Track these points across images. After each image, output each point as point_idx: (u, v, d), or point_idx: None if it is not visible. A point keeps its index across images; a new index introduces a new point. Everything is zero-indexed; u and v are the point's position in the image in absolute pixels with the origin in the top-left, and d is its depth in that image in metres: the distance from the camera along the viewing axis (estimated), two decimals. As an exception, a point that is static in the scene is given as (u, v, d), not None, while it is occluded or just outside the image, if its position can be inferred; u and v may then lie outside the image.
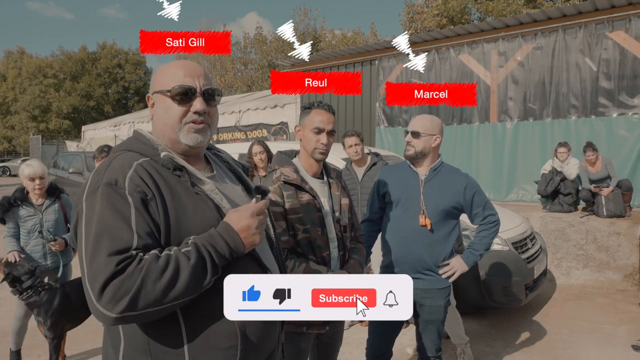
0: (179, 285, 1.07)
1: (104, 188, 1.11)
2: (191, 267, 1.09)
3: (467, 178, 2.52)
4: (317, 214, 2.01)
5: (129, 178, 1.13)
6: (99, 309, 1.02)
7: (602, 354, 3.75)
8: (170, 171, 1.22)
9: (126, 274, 1.03)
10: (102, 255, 1.04)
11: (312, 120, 2.01)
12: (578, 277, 5.75)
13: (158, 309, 1.06)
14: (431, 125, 2.47)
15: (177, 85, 1.26)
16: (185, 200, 1.19)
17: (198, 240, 1.14)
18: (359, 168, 4.21)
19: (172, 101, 1.27)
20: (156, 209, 1.14)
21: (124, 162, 1.18)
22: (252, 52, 30.27)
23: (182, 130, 1.27)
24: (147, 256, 1.07)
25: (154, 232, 1.13)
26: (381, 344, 2.56)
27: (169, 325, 1.16)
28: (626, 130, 6.87)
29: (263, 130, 11.65)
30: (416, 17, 20.47)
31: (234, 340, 1.20)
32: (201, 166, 1.37)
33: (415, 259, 2.43)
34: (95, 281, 1.03)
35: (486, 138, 8.20)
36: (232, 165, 1.52)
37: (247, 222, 1.19)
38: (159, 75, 1.32)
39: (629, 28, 6.83)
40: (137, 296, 1.03)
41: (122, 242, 1.06)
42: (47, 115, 35.80)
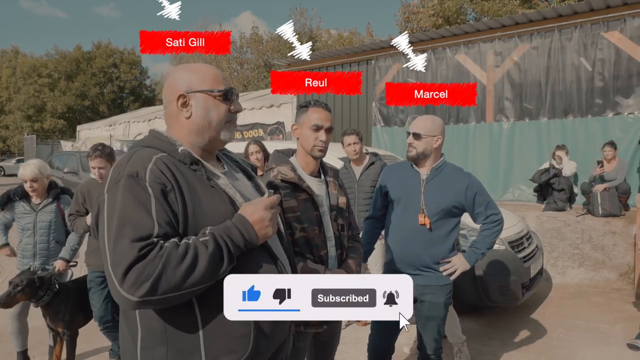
0: (197, 271, 1.12)
1: (125, 180, 1.17)
2: (209, 255, 1.14)
3: (469, 178, 2.51)
4: (314, 212, 2.00)
5: (149, 170, 1.19)
6: (122, 292, 1.07)
7: (598, 352, 3.76)
8: (187, 166, 1.28)
9: (148, 259, 1.08)
10: (125, 242, 1.09)
11: (309, 118, 2.01)
12: (574, 276, 5.77)
13: (177, 294, 1.11)
14: (432, 127, 2.47)
15: (227, 87, 1.36)
16: (201, 193, 1.25)
17: (215, 230, 1.20)
18: (356, 167, 4.21)
19: (220, 101, 1.36)
20: (175, 200, 1.20)
21: (144, 156, 1.23)
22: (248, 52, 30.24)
23: (224, 128, 1.38)
24: (168, 244, 1.12)
25: (173, 222, 1.18)
26: (383, 340, 2.56)
27: (185, 312, 1.21)
28: (621, 131, 6.91)
29: (259, 130, 11.64)
30: (412, 17, 20.52)
31: (247, 328, 1.24)
32: (214, 163, 1.44)
33: (414, 257, 2.45)
34: (118, 266, 1.08)
35: (482, 138, 8.22)
36: (241, 164, 1.60)
37: (260, 214, 1.26)
38: (194, 74, 1.37)
39: (624, 28, 6.87)
40: (158, 281, 1.08)
41: (144, 230, 1.12)
42: (42, 115, 35.61)
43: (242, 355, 1.24)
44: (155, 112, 18.46)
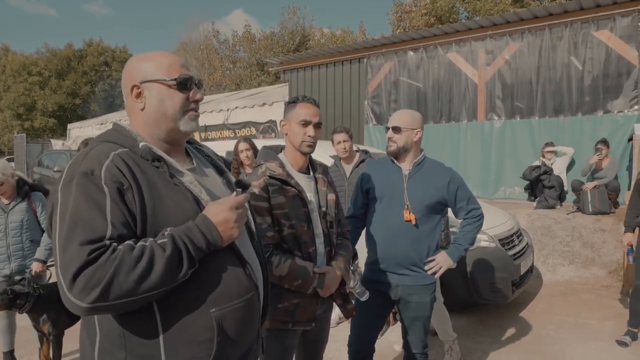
0: (153, 276, 1.06)
1: (79, 178, 1.10)
2: (166, 259, 1.08)
3: (450, 172, 2.51)
4: (303, 209, 1.98)
5: (105, 168, 1.12)
6: (70, 298, 1.02)
7: (587, 349, 3.78)
8: (148, 162, 1.21)
9: (99, 263, 1.02)
10: (74, 245, 1.03)
11: (298, 113, 2.00)
12: (564, 274, 5.80)
13: (131, 299, 1.05)
14: (412, 120, 2.45)
15: (182, 74, 1.28)
16: (162, 191, 1.18)
17: (175, 231, 1.13)
18: (347, 165, 4.19)
19: (175, 90, 1.28)
20: (132, 199, 1.13)
21: (101, 152, 1.16)
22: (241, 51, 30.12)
23: (183, 119, 1.29)
24: (122, 246, 1.06)
25: (130, 223, 1.12)
26: (363, 339, 2.54)
27: (144, 317, 1.15)
28: (611, 129, 6.96)
29: (251, 129, 11.60)
30: (404, 16, 20.54)
31: (210, 333, 1.19)
32: (181, 158, 1.36)
33: (401, 254, 2.41)
34: (67, 270, 1.02)
35: (474, 136, 8.25)
36: (213, 159, 1.51)
37: (225, 215, 1.19)
38: (148, 63, 1.29)
39: (613, 27, 6.92)
40: (110, 286, 1.02)
41: (95, 232, 1.05)
42: (32, 114, 35.25)
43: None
44: (146, 110, 18.33)
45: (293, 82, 10.90)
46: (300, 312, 1.96)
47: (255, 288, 1.33)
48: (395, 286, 2.43)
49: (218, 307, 1.20)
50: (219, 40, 30.50)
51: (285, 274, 1.89)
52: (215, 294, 1.21)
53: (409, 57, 8.97)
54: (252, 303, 1.31)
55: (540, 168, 6.66)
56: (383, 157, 2.67)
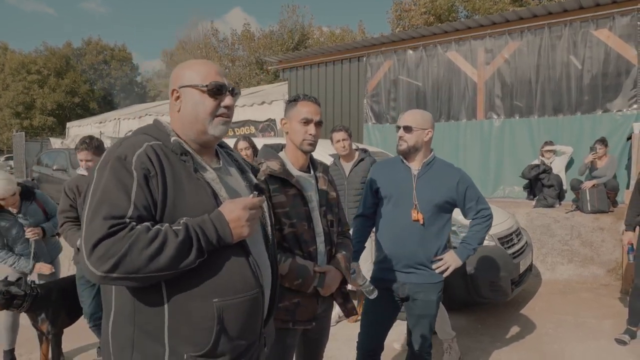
0: (162, 258, 1.15)
1: (113, 161, 1.21)
2: (177, 244, 1.16)
3: (460, 172, 2.51)
4: (303, 208, 1.98)
5: (137, 155, 1.23)
6: (88, 265, 1.12)
7: (586, 347, 3.79)
8: (177, 156, 1.31)
9: (117, 237, 1.12)
10: (98, 218, 1.14)
11: (299, 111, 1.99)
12: (563, 272, 5.81)
13: (139, 276, 1.14)
14: (422, 120, 2.45)
15: (214, 82, 1.38)
16: (185, 184, 1.28)
17: (189, 221, 1.22)
18: (346, 163, 4.20)
19: (207, 95, 1.38)
20: (156, 186, 1.23)
21: (137, 142, 1.28)
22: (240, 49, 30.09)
23: (212, 123, 1.39)
24: (139, 226, 1.16)
25: (151, 207, 1.22)
26: (373, 337, 2.55)
27: (153, 297, 1.24)
28: (610, 128, 6.96)
29: (251, 127, 11.59)
30: (404, 15, 20.55)
31: (210, 321, 1.26)
32: (210, 158, 1.46)
33: (408, 254, 2.41)
34: (89, 240, 1.12)
35: (473, 135, 8.25)
36: (241, 163, 1.61)
37: (238, 213, 1.27)
38: (188, 71, 1.41)
39: (612, 26, 6.92)
40: (122, 260, 1.11)
41: (118, 210, 1.16)
42: (31, 112, 35.22)
43: (203, 348, 1.25)
44: (146, 109, 18.31)
45: (292, 80, 10.89)
46: (301, 311, 1.96)
47: (260, 287, 1.38)
48: (402, 284, 2.44)
49: (221, 298, 1.27)
50: (218, 39, 30.47)
51: (286, 272, 1.89)
52: (220, 285, 1.28)
53: (408, 55, 8.96)
54: (255, 301, 1.36)
55: (539, 167, 6.68)
56: (394, 157, 2.68)
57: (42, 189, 11.24)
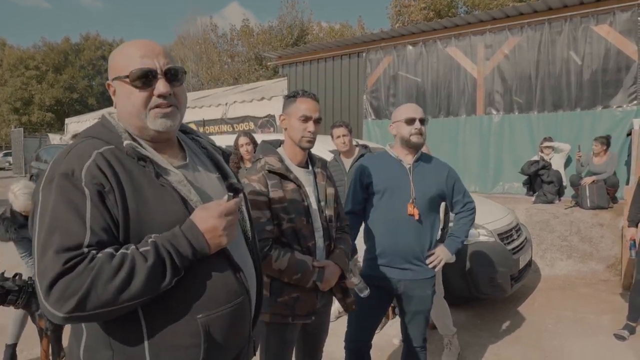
0: (133, 286, 1.02)
1: (59, 179, 1.05)
2: (148, 269, 1.03)
3: (447, 165, 2.56)
4: (302, 203, 1.98)
5: (86, 169, 1.06)
6: (47, 307, 0.98)
7: (586, 343, 3.80)
8: (134, 160, 1.14)
9: (75, 273, 0.98)
10: (50, 252, 0.99)
11: (298, 108, 1.98)
12: (562, 268, 5.82)
13: (110, 309, 1.01)
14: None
15: (135, 69, 1.16)
16: (147, 193, 1.12)
17: (159, 239, 1.08)
18: (346, 159, 4.19)
19: (132, 87, 1.17)
20: (114, 202, 1.07)
21: (84, 151, 1.10)
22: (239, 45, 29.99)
23: (149, 117, 1.19)
24: (101, 254, 1.01)
25: (111, 228, 1.06)
26: (360, 335, 2.54)
27: (129, 322, 1.11)
28: (610, 124, 6.95)
29: (250, 123, 11.57)
30: (403, 11, 20.48)
31: (196, 338, 1.15)
32: (173, 152, 1.29)
33: (405, 248, 2.40)
34: (43, 278, 0.98)
35: (472, 131, 8.24)
36: (210, 151, 1.43)
37: (213, 222, 1.13)
38: (115, 59, 1.21)
39: (613, 21, 6.90)
40: (87, 297, 0.98)
41: (73, 239, 1.00)
42: (30, 108, 35.16)
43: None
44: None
45: (292, 76, 10.86)
46: (300, 306, 1.96)
47: (246, 292, 1.28)
48: (397, 281, 2.43)
49: (205, 313, 1.16)
50: (217, 34, 30.37)
51: (285, 267, 1.88)
52: (202, 300, 1.16)
53: (408, 51, 8.93)
54: (241, 307, 1.26)
55: (538, 163, 6.68)
56: (381, 151, 2.66)
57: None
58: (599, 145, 6.27)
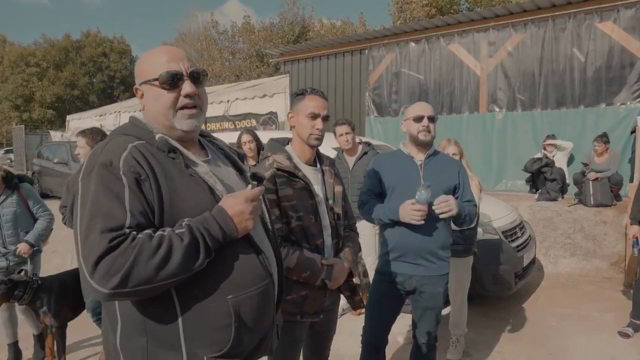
0: (171, 264, 1.09)
1: (98, 169, 1.14)
2: (184, 248, 1.11)
3: (459, 162, 2.62)
4: (310, 201, 1.98)
5: (123, 159, 1.15)
6: (92, 284, 1.05)
7: (589, 340, 3.80)
8: (164, 154, 1.23)
9: (119, 250, 1.05)
10: (95, 233, 1.06)
11: (306, 106, 1.98)
12: (565, 265, 5.82)
13: (150, 287, 1.09)
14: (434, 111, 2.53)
15: (164, 72, 1.26)
16: (178, 182, 1.21)
17: (192, 222, 1.16)
18: (349, 157, 4.18)
19: (161, 89, 1.27)
20: (150, 189, 1.16)
21: (120, 144, 1.19)
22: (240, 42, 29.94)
23: (176, 117, 1.29)
24: (141, 235, 1.09)
25: (148, 212, 1.15)
26: (378, 331, 2.55)
27: (163, 304, 1.18)
28: (613, 122, 6.94)
29: (252, 120, 11.54)
30: (405, 7, 20.41)
31: (228, 319, 1.22)
32: (196, 151, 1.38)
33: (417, 245, 2.41)
34: (89, 257, 1.05)
35: (475, 128, 8.23)
36: (227, 151, 1.53)
37: (241, 207, 1.22)
38: (142, 65, 1.32)
39: (617, 18, 6.88)
40: (130, 273, 1.05)
41: (115, 221, 1.08)
42: (31, 105, 35.15)
43: (223, 347, 1.22)
44: (146, 102, 18.17)
45: (294, 73, 10.84)
46: (309, 304, 1.96)
47: (270, 276, 1.35)
48: (409, 277, 2.44)
49: (235, 294, 1.23)
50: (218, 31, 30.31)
51: (294, 265, 1.89)
52: (231, 281, 1.23)
53: (410, 48, 8.91)
54: (267, 291, 1.33)
55: (541, 160, 6.66)
56: (394, 150, 2.69)
57: (44, 182, 11.25)
58: (602, 144, 6.26)
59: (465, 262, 3.47)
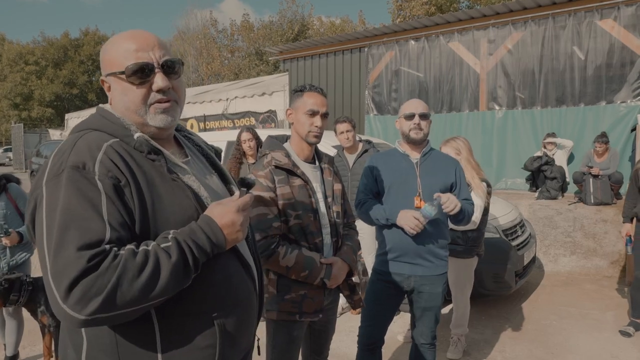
0: (160, 284, 0.97)
1: (70, 172, 0.98)
2: (172, 265, 0.99)
3: (455, 160, 2.59)
4: (309, 199, 1.95)
5: (99, 161, 1.00)
6: (65, 309, 0.90)
7: (590, 339, 3.78)
8: (143, 155, 1.09)
9: (100, 271, 0.91)
10: (70, 249, 0.91)
11: (305, 102, 1.96)
12: (565, 264, 5.80)
13: (134, 309, 0.96)
14: (428, 108, 2.50)
15: (130, 64, 1.09)
16: (161, 188, 1.08)
17: (179, 235, 1.04)
18: (350, 155, 4.16)
19: (129, 83, 1.11)
20: (130, 196, 1.02)
21: (92, 143, 1.04)
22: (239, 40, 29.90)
23: (149, 113, 1.14)
24: (123, 251, 0.96)
25: (128, 224, 1.01)
26: (374, 331, 2.53)
27: (140, 324, 1.05)
28: (613, 120, 6.91)
29: (251, 119, 11.52)
30: (405, 5, 20.38)
31: (212, 339, 1.12)
32: (173, 150, 1.24)
33: (416, 244, 2.39)
34: (61, 278, 0.90)
35: (475, 126, 8.19)
36: (204, 149, 1.39)
37: (231, 217, 1.10)
38: (108, 54, 1.14)
39: (618, 16, 6.84)
40: (112, 296, 0.91)
41: (93, 235, 0.94)
42: (29, 103, 35.11)
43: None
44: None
45: (293, 71, 10.80)
46: (308, 303, 1.94)
47: (255, 289, 1.27)
48: (407, 277, 2.42)
49: (221, 312, 1.13)
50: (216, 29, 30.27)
51: (292, 264, 1.86)
52: (217, 297, 1.14)
53: (410, 46, 8.88)
54: (251, 305, 1.25)
55: (541, 159, 6.63)
56: (390, 148, 2.67)
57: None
58: (602, 145, 6.23)
59: (465, 263, 3.44)
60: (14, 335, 3.42)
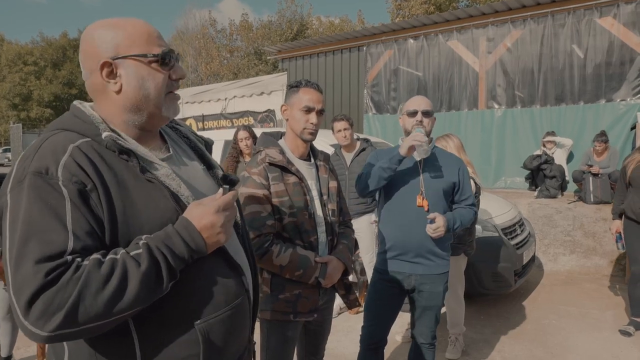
0: (127, 296, 0.90)
1: (31, 178, 0.91)
2: (142, 275, 0.92)
3: (459, 159, 2.54)
4: (304, 197, 1.92)
5: (62, 165, 0.93)
6: (27, 326, 0.85)
7: (589, 338, 3.75)
8: (115, 154, 1.02)
9: (59, 285, 0.85)
10: (28, 263, 0.85)
11: (300, 99, 1.92)
12: (565, 263, 5.77)
13: (101, 323, 0.89)
14: (432, 105, 2.46)
15: (165, 49, 1.07)
16: (134, 190, 1.01)
17: (151, 241, 0.96)
18: (347, 153, 4.13)
19: (158, 68, 1.07)
20: (98, 202, 0.95)
21: (57, 146, 0.96)
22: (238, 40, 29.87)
23: (166, 102, 1.10)
24: (87, 262, 0.89)
25: (96, 231, 0.94)
26: (376, 330, 2.50)
27: (118, 335, 0.99)
28: (613, 118, 6.88)
29: (249, 118, 11.50)
30: (404, 5, 20.35)
31: (195, 348, 1.05)
32: (156, 144, 1.17)
33: (417, 242, 2.35)
34: (20, 294, 0.84)
35: (474, 125, 8.17)
36: (192, 141, 1.32)
37: (211, 219, 1.02)
38: (121, 34, 1.05)
39: (617, 14, 6.81)
40: (74, 311, 0.85)
41: (53, 246, 0.87)
42: (28, 104, 35.08)
43: None
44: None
45: (292, 70, 10.77)
46: (302, 303, 1.90)
47: (245, 292, 1.20)
48: (408, 275, 2.39)
49: (204, 319, 1.07)
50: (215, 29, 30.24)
51: (286, 263, 1.83)
52: (200, 304, 1.07)
53: (409, 45, 8.85)
54: (241, 309, 1.17)
55: (541, 157, 6.60)
56: (393, 146, 2.63)
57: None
58: (602, 144, 6.21)
59: (453, 261, 3.38)
60: (9, 337, 3.39)
